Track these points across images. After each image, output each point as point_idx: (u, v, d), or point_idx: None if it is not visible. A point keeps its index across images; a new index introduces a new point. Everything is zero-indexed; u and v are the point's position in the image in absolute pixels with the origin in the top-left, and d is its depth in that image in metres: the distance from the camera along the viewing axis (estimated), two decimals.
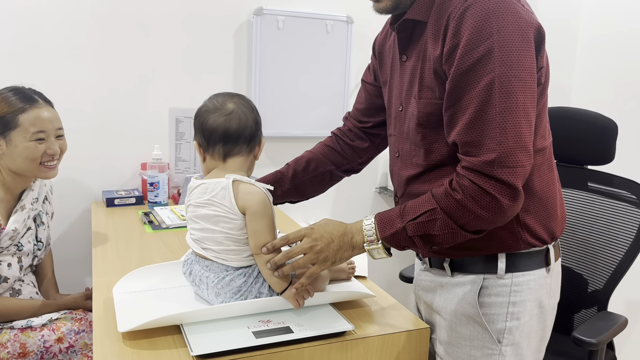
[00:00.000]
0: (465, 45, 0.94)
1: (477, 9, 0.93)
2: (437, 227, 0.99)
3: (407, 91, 1.12)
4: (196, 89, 2.21)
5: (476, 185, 0.95)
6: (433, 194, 1.01)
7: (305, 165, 1.34)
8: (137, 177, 2.19)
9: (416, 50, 1.08)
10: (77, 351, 1.55)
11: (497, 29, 0.92)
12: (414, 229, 1.01)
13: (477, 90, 0.94)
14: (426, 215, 1.00)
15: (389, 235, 1.03)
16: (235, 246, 1.07)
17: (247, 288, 1.08)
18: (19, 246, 1.56)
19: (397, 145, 1.18)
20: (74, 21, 2.01)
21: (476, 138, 0.95)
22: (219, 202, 1.06)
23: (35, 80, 1.95)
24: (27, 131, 1.50)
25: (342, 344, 1.05)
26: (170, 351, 0.98)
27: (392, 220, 1.03)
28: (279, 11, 2.22)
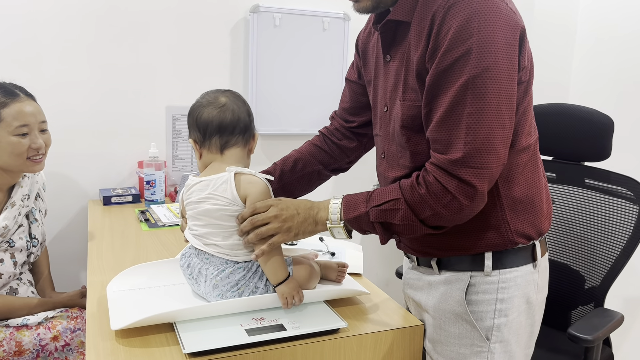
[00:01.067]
0: (446, 45, 0.94)
1: (459, 9, 0.93)
2: (399, 217, 1.01)
3: (391, 92, 1.11)
4: (193, 87, 2.21)
5: (439, 183, 0.96)
6: (400, 185, 1.02)
7: (292, 165, 1.34)
8: (134, 175, 2.19)
9: (400, 51, 1.08)
10: (73, 349, 1.55)
11: (477, 29, 0.91)
12: (376, 216, 1.02)
13: (452, 89, 0.94)
14: (390, 204, 1.01)
15: (352, 217, 1.05)
16: (240, 239, 1.08)
17: (245, 282, 1.08)
18: (10, 243, 1.55)
19: (383, 146, 1.18)
20: (69, 19, 2.01)
21: (445, 136, 0.96)
22: (220, 196, 1.07)
23: (32, 79, 1.95)
24: (10, 125, 1.49)
25: (336, 342, 1.04)
26: (162, 349, 0.98)
27: (358, 203, 1.05)
28: (276, 8, 2.21)
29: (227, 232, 1.08)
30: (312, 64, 2.33)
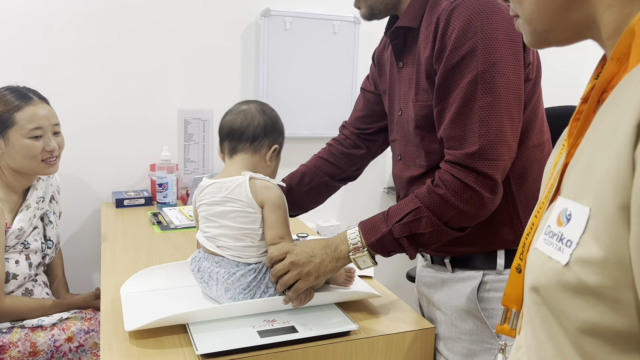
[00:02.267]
0: (452, 44, 0.96)
1: (463, 9, 0.96)
2: (423, 225, 1.00)
3: (404, 96, 1.14)
4: (204, 90, 2.22)
5: (458, 179, 0.97)
6: (416, 194, 1.03)
7: (299, 179, 1.36)
8: (146, 178, 2.21)
9: (411, 56, 1.10)
10: (87, 350, 1.57)
11: (481, 27, 0.94)
12: (400, 230, 1.02)
13: (461, 86, 0.96)
14: (411, 215, 1.01)
15: (375, 241, 1.04)
16: (253, 242, 1.10)
17: (256, 284, 1.09)
18: (25, 244, 1.57)
19: (400, 148, 1.19)
20: (83, 24, 2.04)
21: (459, 132, 0.97)
22: (235, 198, 1.09)
23: (46, 83, 1.97)
24: (24, 128, 1.51)
25: (347, 344, 1.05)
26: (176, 350, 0.99)
27: (377, 225, 1.05)
28: (287, 12, 2.23)
29: (239, 233, 1.10)
30: (322, 67, 2.33)
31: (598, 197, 0.42)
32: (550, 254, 0.47)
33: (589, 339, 0.43)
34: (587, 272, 0.42)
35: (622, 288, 0.40)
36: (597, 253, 0.41)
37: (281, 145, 1.19)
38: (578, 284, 0.43)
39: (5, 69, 1.94)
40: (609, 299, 0.41)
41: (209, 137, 2.25)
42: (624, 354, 0.41)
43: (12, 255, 1.54)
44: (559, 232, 0.46)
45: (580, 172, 0.47)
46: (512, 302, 0.64)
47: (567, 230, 0.45)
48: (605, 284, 0.41)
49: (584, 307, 0.42)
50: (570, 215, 0.46)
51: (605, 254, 0.41)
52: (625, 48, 0.47)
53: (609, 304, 0.41)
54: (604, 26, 0.51)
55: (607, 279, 0.41)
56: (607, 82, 0.50)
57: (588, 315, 0.42)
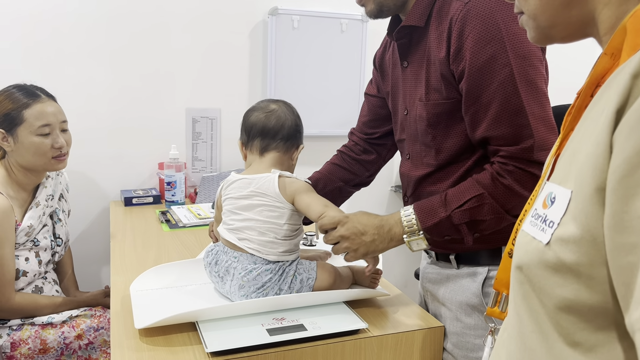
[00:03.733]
0: (474, 43, 0.95)
1: (479, 9, 0.96)
2: (485, 212, 1.00)
3: (410, 95, 1.14)
4: (212, 89, 2.23)
5: (521, 169, 0.97)
6: (478, 180, 1.02)
7: (314, 185, 1.36)
8: (154, 177, 2.22)
9: (417, 55, 1.10)
10: (96, 348, 1.58)
11: (503, 22, 0.94)
12: (461, 216, 1.01)
13: (496, 84, 0.95)
14: (473, 201, 1.01)
15: (432, 225, 1.03)
16: (276, 238, 1.11)
17: (271, 285, 1.10)
18: (35, 242, 1.59)
19: (408, 147, 1.19)
20: (92, 24, 2.05)
21: (509, 130, 0.97)
22: (263, 193, 1.12)
23: (55, 82, 1.99)
24: (32, 126, 1.52)
25: (356, 342, 1.05)
26: (185, 348, 0.99)
27: (434, 209, 1.03)
28: (294, 11, 2.23)
29: (264, 227, 1.11)
30: (330, 65, 2.33)
31: (578, 179, 0.44)
32: (534, 234, 0.49)
33: (566, 315, 0.45)
34: (565, 250, 0.44)
35: (596, 265, 0.42)
36: (574, 232, 0.43)
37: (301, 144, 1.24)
38: (557, 262, 0.45)
39: (15, 69, 1.95)
40: (584, 276, 0.43)
41: (216, 136, 2.25)
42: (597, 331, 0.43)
43: (22, 252, 1.56)
44: (544, 214, 0.48)
45: (566, 158, 0.50)
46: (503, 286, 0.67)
47: (551, 212, 0.47)
48: (581, 261, 0.43)
49: (561, 284, 0.44)
50: (555, 198, 0.48)
51: (582, 232, 0.43)
52: (618, 44, 0.48)
53: (584, 281, 0.43)
54: (601, 22, 0.53)
55: (582, 256, 0.43)
56: (600, 77, 0.51)
57: (565, 292, 0.44)
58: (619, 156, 0.40)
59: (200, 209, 1.95)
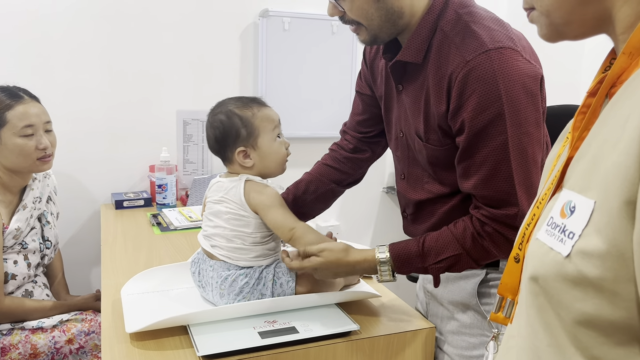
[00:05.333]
0: (475, 107, 0.95)
1: (481, 72, 0.94)
2: (459, 267, 1.05)
3: (405, 122, 1.13)
4: (203, 91, 2.22)
5: (500, 234, 1.00)
6: (457, 237, 1.03)
7: (305, 188, 1.35)
8: (145, 180, 2.21)
9: (413, 85, 1.08)
10: (87, 352, 1.57)
11: (504, 90, 0.93)
12: (436, 270, 1.06)
13: (490, 148, 0.97)
14: (450, 260, 1.04)
15: (407, 271, 1.08)
16: (244, 245, 1.10)
17: (249, 289, 1.09)
18: (23, 244, 1.57)
19: (402, 167, 1.19)
20: (81, 25, 2.03)
21: (495, 193, 0.99)
22: (230, 199, 1.10)
23: (44, 84, 1.98)
24: (15, 127, 1.51)
25: (348, 344, 1.05)
26: (177, 351, 0.99)
27: (411, 259, 1.06)
28: (285, 13, 2.23)
29: (231, 234, 1.10)
30: (321, 67, 2.33)
31: (603, 190, 0.42)
32: (552, 244, 0.47)
33: (585, 329, 0.43)
34: (588, 264, 0.42)
35: (622, 281, 0.40)
36: (599, 246, 0.41)
37: (247, 142, 1.12)
38: (578, 276, 0.43)
39: (3, 71, 1.93)
40: (607, 292, 0.41)
41: None
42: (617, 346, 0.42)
43: (10, 255, 1.54)
44: (562, 224, 0.46)
45: (586, 165, 0.47)
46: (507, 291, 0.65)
47: (570, 222, 0.45)
48: (605, 276, 0.41)
49: (581, 299, 0.43)
50: (575, 207, 0.46)
51: (608, 247, 0.41)
52: (637, 43, 0.47)
53: (607, 297, 0.41)
54: (619, 20, 0.51)
55: (607, 271, 0.41)
56: (617, 76, 0.50)
57: (585, 307, 0.43)
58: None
59: (191, 211, 1.94)
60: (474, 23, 0.99)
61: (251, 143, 1.12)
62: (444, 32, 1.01)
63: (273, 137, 1.15)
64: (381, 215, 2.62)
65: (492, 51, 0.94)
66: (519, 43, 0.97)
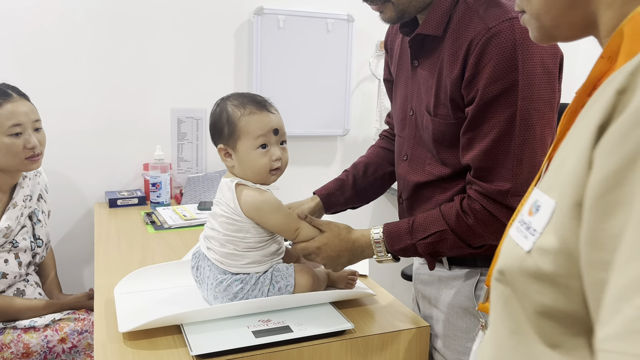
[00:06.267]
0: (490, 75, 0.94)
1: (502, 40, 0.93)
2: (447, 246, 1.04)
3: (417, 98, 1.12)
4: (197, 89, 2.21)
5: (488, 211, 0.98)
6: (443, 214, 1.03)
7: (364, 170, 1.33)
8: (139, 178, 2.20)
9: (429, 60, 1.07)
10: (80, 351, 1.56)
11: (522, 61, 0.92)
12: (424, 248, 1.05)
13: (498, 119, 0.95)
14: (436, 236, 1.03)
15: (398, 249, 1.08)
16: (236, 250, 1.07)
17: (244, 295, 1.07)
18: (14, 243, 1.56)
19: (406, 148, 1.17)
20: (75, 23, 2.02)
21: (492, 165, 0.97)
22: (225, 202, 1.07)
23: (37, 82, 1.96)
24: (3, 126, 1.50)
25: (342, 343, 1.05)
26: (170, 351, 0.99)
27: (401, 235, 1.07)
28: (280, 10, 2.22)
29: (224, 239, 1.07)
30: (316, 65, 2.33)
31: (560, 192, 0.45)
32: (518, 240, 0.50)
33: (545, 319, 0.46)
34: (544, 260, 0.45)
35: (572, 277, 0.43)
36: (553, 244, 0.44)
37: (227, 142, 1.08)
38: (536, 270, 0.46)
39: None
40: (561, 286, 0.44)
41: (202, 136, 2.24)
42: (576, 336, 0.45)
43: (0, 254, 1.53)
44: (528, 221, 0.49)
45: (555, 166, 0.50)
46: None
47: (535, 220, 0.48)
48: (558, 272, 0.44)
49: (541, 292, 0.45)
50: (539, 206, 0.48)
51: (560, 245, 0.43)
52: (615, 47, 0.48)
53: (562, 291, 0.44)
54: (602, 24, 0.52)
55: (559, 267, 0.44)
56: (596, 79, 0.51)
57: (544, 299, 0.45)
58: (598, 173, 0.40)
59: (185, 210, 1.93)
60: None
61: (231, 144, 1.08)
62: (467, 4, 1.00)
63: (254, 145, 1.06)
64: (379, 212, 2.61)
65: (516, 20, 0.93)
66: None
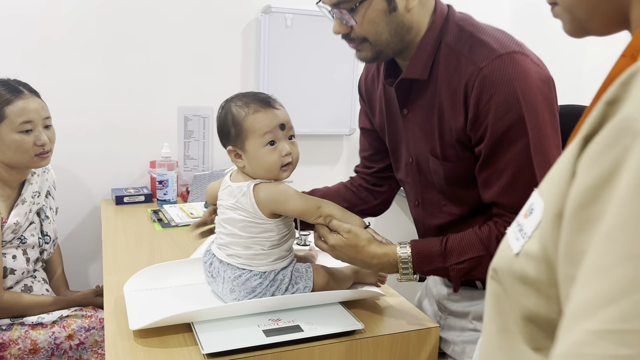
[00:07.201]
0: (495, 113, 0.95)
1: (497, 77, 0.94)
2: (481, 271, 1.01)
3: (416, 144, 1.12)
4: (204, 87, 2.21)
5: None
6: (481, 239, 1.01)
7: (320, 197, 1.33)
8: (146, 175, 2.20)
9: (421, 105, 1.07)
10: (87, 348, 1.56)
11: (521, 93, 0.93)
12: (457, 272, 1.03)
13: (512, 153, 0.96)
14: (473, 261, 1.01)
15: (427, 270, 1.05)
16: (263, 250, 1.07)
17: (262, 290, 1.08)
18: (22, 239, 1.56)
19: (415, 193, 1.18)
20: (82, 20, 2.02)
21: (518, 200, 0.96)
22: (243, 207, 1.06)
23: (45, 79, 1.96)
24: (14, 122, 1.50)
25: (352, 343, 1.05)
26: (181, 349, 0.99)
27: (432, 257, 1.04)
28: (287, 9, 2.22)
29: (248, 242, 1.07)
30: (323, 64, 2.33)
31: (547, 199, 0.45)
32: (511, 241, 0.49)
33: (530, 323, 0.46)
34: (529, 265, 0.45)
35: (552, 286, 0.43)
36: (537, 250, 0.44)
37: (235, 143, 1.08)
38: (522, 274, 0.46)
39: (5, 66, 1.92)
40: (543, 293, 0.44)
41: (209, 134, 2.24)
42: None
43: (9, 250, 1.54)
44: (522, 224, 0.49)
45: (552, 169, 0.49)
46: None
47: (527, 223, 0.48)
48: (540, 279, 0.44)
49: (526, 295, 0.45)
50: (533, 209, 0.48)
51: (542, 253, 0.43)
52: (638, 45, 0.47)
53: (543, 298, 0.44)
54: (634, 20, 0.51)
55: (541, 274, 0.43)
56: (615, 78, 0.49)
57: (528, 303, 0.45)
58: (577, 186, 0.39)
59: (192, 207, 1.93)
60: (479, 33, 0.99)
61: (239, 145, 1.08)
62: (449, 46, 1.01)
63: (262, 143, 1.05)
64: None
65: (504, 56, 0.94)
66: (525, 48, 0.98)
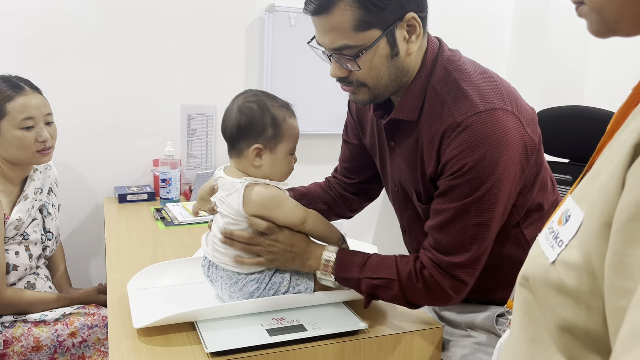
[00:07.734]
0: (460, 166, 0.95)
1: (470, 134, 0.94)
2: (388, 295, 1.05)
3: (399, 176, 1.14)
4: (208, 86, 2.21)
5: (435, 281, 1.00)
6: (398, 266, 1.04)
7: (299, 198, 1.34)
8: (149, 174, 2.20)
9: (407, 140, 1.08)
10: (90, 346, 1.56)
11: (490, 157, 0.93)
12: (367, 287, 1.05)
13: (458, 202, 0.97)
14: (383, 282, 1.04)
15: (342, 277, 1.07)
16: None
17: (260, 294, 1.07)
18: (24, 235, 1.56)
19: (402, 221, 1.22)
20: (85, 18, 2.02)
21: (447, 240, 0.99)
22: (229, 203, 1.05)
23: (48, 77, 1.96)
24: (15, 119, 1.50)
25: (356, 343, 1.05)
26: (185, 348, 0.99)
27: (352, 266, 1.06)
28: (291, 8, 2.22)
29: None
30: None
31: (590, 207, 0.43)
32: (544, 248, 0.48)
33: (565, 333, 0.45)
34: (568, 274, 0.43)
35: (595, 296, 0.41)
36: (578, 260, 0.43)
37: (267, 143, 1.05)
38: (559, 283, 0.44)
39: (7, 63, 1.92)
40: (583, 303, 0.43)
41: (212, 133, 2.24)
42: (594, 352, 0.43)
43: (11, 246, 1.54)
44: (557, 230, 0.48)
45: (590, 176, 0.48)
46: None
47: (563, 230, 0.47)
48: (581, 289, 0.42)
49: (562, 305, 0.44)
50: (569, 216, 0.47)
51: (584, 262, 0.42)
52: None
53: (583, 308, 0.43)
54: None
55: (582, 285, 0.42)
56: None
57: (565, 313, 0.44)
58: (629, 196, 0.38)
59: None
60: (463, 81, 0.98)
61: (270, 145, 1.05)
62: (435, 90, 1.01)
63: (290, 150, 1.08)
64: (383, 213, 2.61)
65: (484, 113, 0.93)
66: (508, 100, 0.96)
